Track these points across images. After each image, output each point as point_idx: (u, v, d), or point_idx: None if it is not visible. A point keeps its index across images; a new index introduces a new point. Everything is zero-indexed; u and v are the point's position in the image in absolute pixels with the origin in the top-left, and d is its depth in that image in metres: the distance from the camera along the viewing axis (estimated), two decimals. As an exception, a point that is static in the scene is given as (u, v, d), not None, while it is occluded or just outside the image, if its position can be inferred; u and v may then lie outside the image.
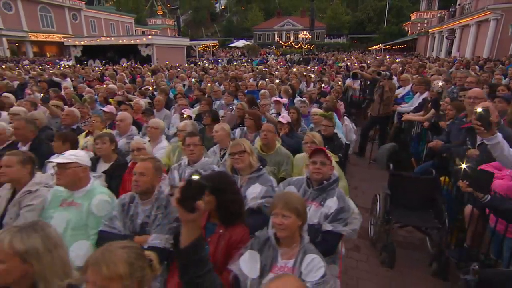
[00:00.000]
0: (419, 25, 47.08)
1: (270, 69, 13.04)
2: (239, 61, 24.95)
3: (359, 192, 5.03)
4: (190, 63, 22.29)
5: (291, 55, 32.57)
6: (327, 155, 2.37)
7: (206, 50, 37.43)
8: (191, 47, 31.84)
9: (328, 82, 8.95)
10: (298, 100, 5.82)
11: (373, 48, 51.27)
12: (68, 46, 26.10)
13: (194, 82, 8.24)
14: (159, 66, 15.99)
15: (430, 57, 26.19)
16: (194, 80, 8.60)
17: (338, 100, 6.52)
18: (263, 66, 17.76)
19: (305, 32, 28.38)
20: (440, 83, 4.53)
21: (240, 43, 39.63)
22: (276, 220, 1.77)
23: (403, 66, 11.72)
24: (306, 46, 29.55)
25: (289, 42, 47.39)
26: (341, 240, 2.33)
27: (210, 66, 18.44)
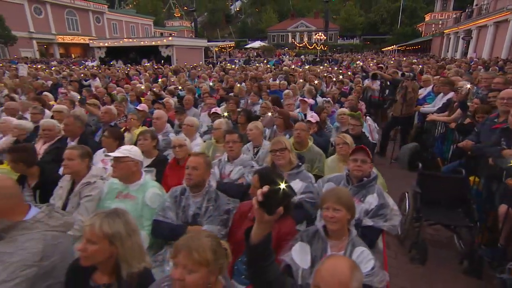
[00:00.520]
0: (434, 26, 45.95)
1: (291, 70, 12.98)
2: (256, 61, 25.01)
3: (382, 190, 4.99)
4: (208, 64, 22.49)
5: (306, 56, 32.40)
6: (368, 153, 2.40)
7: (223, 51, 37.69)
8: (208, 48, 32.14)
9: (347, 82, 8.88)
10: (322, 100, 5.83)
11: (386, 49, 50.37)
12: (92, 47, 26.78)
13: (214, 84, 8.32)
14: (180, 67, 16.21)
15: (446, 58, 25.53)
16: (212, 82, 8.69)
17: (359, 100, 6.49)
18: (278, 66, 17.76)
19: (320, 33, 28.07)
20: (467, 85, 4.45)
21: (256, 44, 39.73)
22: (327, 213, 1.81)
23: (422, 67, 11.48)
24: (320, 47, 29.30)
25: (303, 43, 47.04)
26: (380, 235, 2.35)
27: (228, 66, 18.55)
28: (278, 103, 5.68)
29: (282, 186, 1.14)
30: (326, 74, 9.70)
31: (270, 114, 4.76)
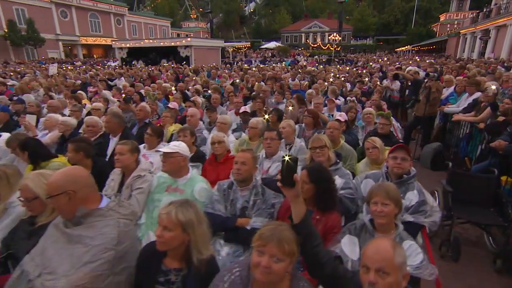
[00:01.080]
0: (449, 26, 44.69)
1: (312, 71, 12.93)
2: (272, 61, 25.00)
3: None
4: (225, 64, 22.63)
5: (319, 56, 32.13)
6: (408, 151, 2.40)
7: (239, 52, 37.84)
8: (224, 48, 32.31)
9: (366, 82, 8.80)
10: (348, 99, 5.81)
11: (399, 49, 49.32)
12: (114, 48, 27.35)
13: (239, 83, 8.40)
14: (199, 67, 16.38)
15: (462, 58, 24.79)
16: (238, 80, 8.77)
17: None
18: (294, 66, 17.71)
19: (335, 34, 27.76)
20: (494, 86, 4.35)
21: (272, 45, 39.73)
22: (376, 208, 1.84)
23: (441, 67, 11.22)
24: (334, 47, 29.03)
25: (317, 44, 46.63)
26: (420, 231, 2.35)
27: (245, 66, 18.62)
28: (303, 102, 5.71)
29: (286, 158, 1.36)
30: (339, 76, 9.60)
31: (291, 108, 4.82)
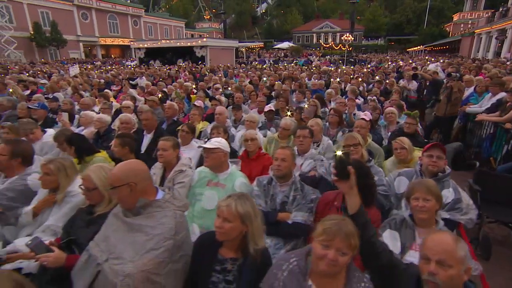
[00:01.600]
0: (462, 26, 43.47)
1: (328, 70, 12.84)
2: (286, 61, 24.92)
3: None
4: (240, 63, 22.69)
5: (331, 56, 31.83)
6: (444, 150, 2.40)
7: (252, 52, 37.89)
8: (237, 49, 32.40)
9: (382, 82, 8.70)
10: (369, 99, 5.78)
11: (411, 49, 48.30)
12: (132, 48, 27.81)
13: (265, 81, 8.43)
14: (215, 66, 16.50)
15: (476, 58, 24.09)
16: (265, 79, 8.80)
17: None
18: (308, 66, 17.63)
19: (347, 34, 27.46)
20: (520, 86, 4.26)
21: (285, 45, 39.61)
22: (418, 203, 1.85)
23: (458, 67, 10.95)
24: (345, 48, 28.66)
25: (330, 44, 46.19)
26: (456, 229, 2.35)
27: (259, 66, 18.64)
28: (323, 102, 5.71)
29: (339, 153, 1.48)
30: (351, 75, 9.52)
31: (306, 106, 4.84)
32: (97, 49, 42.21)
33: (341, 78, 8.89)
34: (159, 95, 6.56)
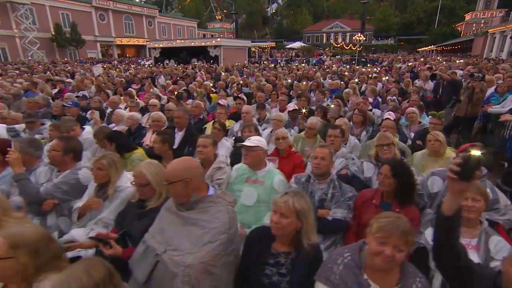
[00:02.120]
0: (475, 25, 42.29)
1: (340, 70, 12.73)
2: (298, 61, 24.76)
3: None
4: (253, 63, 22.67)
5: (341, 56, 31.46)
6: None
7: (263, 51, 37.80)
8: (249, 48, 32.33)
9: (399, 82, 8.56)
10: (389, 99, 5.72)
11: (421, 49, 47.26)
12: (148, 48, 28.07)
13: (287, 79, 8.42)
14: (230, 66, 16.53)
15: (489, 57, 23.42)
16: (290, 80, 8.79)
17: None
18: (320, 66, 17.49)
19: (359, 34, 27.08)
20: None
21: (297, 44, 39.38)
22: (467, 203, 1.84)
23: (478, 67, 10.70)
24: (355, 48, 28.27)
25: (341, 44, 45.68)
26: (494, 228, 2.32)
27: (271, 66, 18.58)
28: (343, 101, 5.68)
29: (475, 152, 1.17)
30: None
31: (333, 106, 4.83)
32: (113, 48, 42.84)
33: (358, 79, 8.81)
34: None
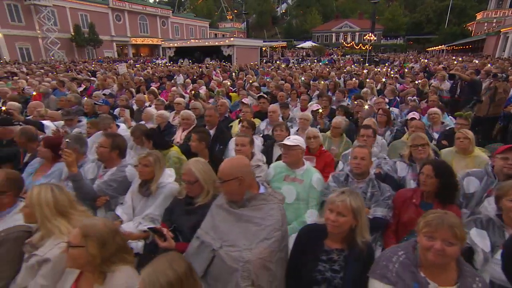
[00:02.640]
0: (486, 24, 41.02)
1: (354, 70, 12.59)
2: (309, 61, 24.58)
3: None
4: (266, 62, 22.60)
5: (351, 56, 31.06)
6: (521, 153, 2.30)
7: (274, 51, 37.65)
8: (261, 48, 32.20)
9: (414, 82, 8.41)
10: (409, 99, 5.64)
11: (431, 49, 46.19)
12: (162, 47, 28.26)
13: (303, 80, 8.39)
14: (244, 65, 16.52)
15: (502, 57, 22.73)
16: (304, 78, 8.77)
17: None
18: (332, 65, 17.31)
19: (369, 33, 26.65)
20: None
21: (308, 44, 39.09)
22: (511, 204, 1.81)
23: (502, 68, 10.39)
24: (365, 47, 27.90)
25: (351, 43, 45.12)
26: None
27: (283, 65, 18.50)
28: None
29: None
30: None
31: (367, 107, 4.79)
32: (128, 48, 43.30)
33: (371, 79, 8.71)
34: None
